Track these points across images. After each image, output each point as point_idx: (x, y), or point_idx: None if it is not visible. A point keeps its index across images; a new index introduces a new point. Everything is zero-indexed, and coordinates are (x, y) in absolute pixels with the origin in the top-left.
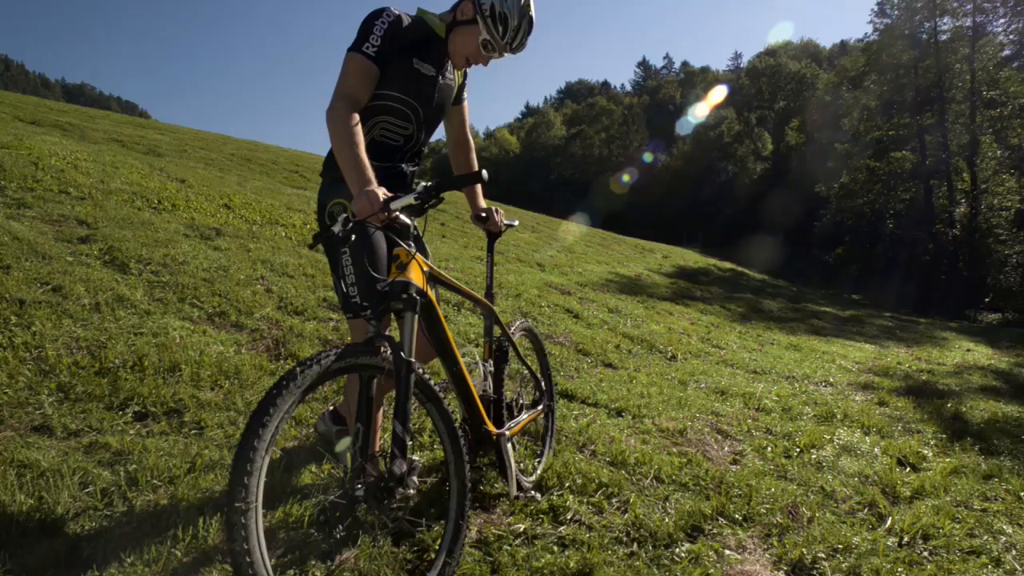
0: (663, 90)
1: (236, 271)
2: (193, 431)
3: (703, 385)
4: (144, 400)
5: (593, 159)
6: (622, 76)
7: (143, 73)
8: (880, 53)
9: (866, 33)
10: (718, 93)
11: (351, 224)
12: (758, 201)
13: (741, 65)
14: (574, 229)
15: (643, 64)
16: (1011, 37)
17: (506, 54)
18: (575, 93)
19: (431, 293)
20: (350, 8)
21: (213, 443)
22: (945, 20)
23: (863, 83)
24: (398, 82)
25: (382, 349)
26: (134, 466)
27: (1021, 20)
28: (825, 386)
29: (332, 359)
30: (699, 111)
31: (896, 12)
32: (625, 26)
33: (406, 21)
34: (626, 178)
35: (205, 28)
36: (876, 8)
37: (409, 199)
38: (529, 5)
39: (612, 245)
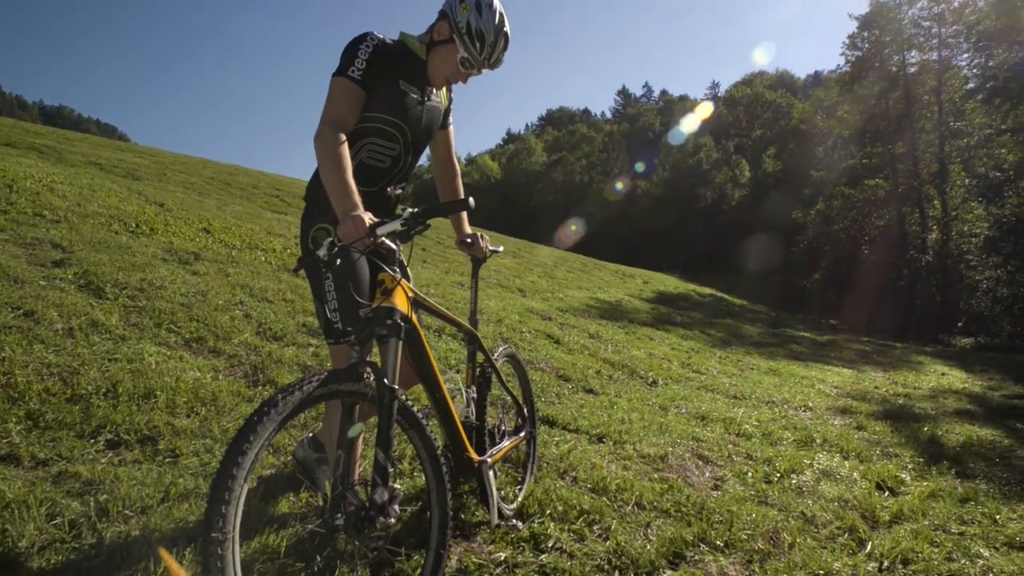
0: (643, 118)
1: (214, 296)
2: (167, 459)
3: (684, 410)
4: (117, 428)
5: (574, 185)
6: (602, 104)
7: (123, 96)
8: (852, 84)
9: (839, 65)
10: (704, 108)
11: (336, 249)
12: (737, 227)
13: (719, 94)
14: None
15: (623, 92)
16: (974, 71)
17: (484, 70)
18: (556, 120)
19: (415, 319)
20: (332, 33)
21: (188, 471)
22: (913, 54)
23: (837, 113)
24: (385, 104)
25: (365, 375)
26: (105, 496)
27: (983, 55)
28: (804, 411)
29: (314, 386)
30: (688, 124)
31: (867, 45)
32: (605, 55)
33: (389, 45)
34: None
35: (187, 51)
36: (848, 41)
37: (395, 225)
38: (504, 21)
39: (593, 271)
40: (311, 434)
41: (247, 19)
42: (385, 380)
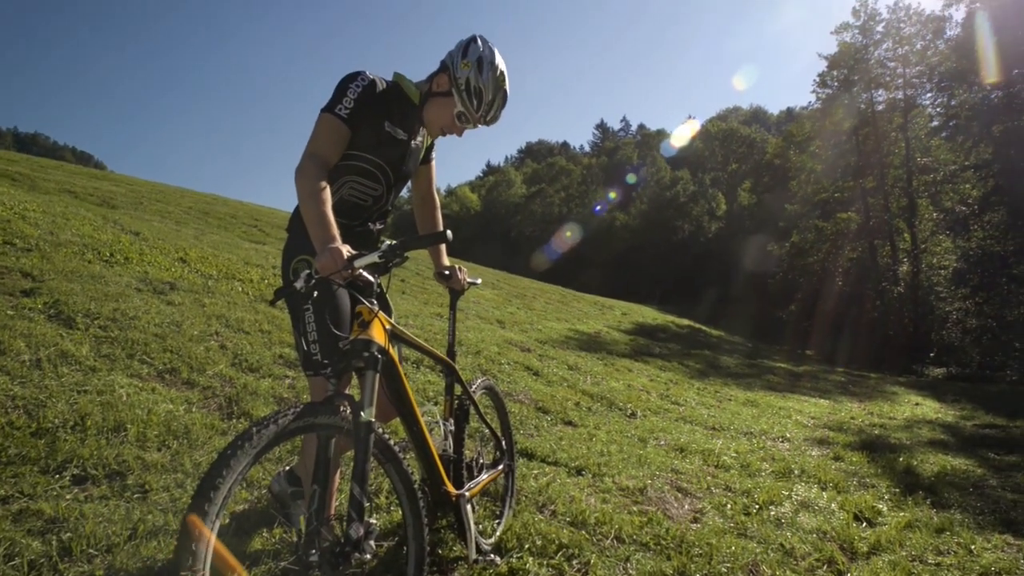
0: (620, 151)
1: (189, 327)
2: (136, 495)
3: (663, 442)
4: (84, 462)
5: (553, 217)
6: (581, 137)
7: (100, 124)
8: (823, 120)
9: (810, 101)
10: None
11: (313, 281)
12: (713, 259)
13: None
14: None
15: (601, 126)
16: (938, 110)
17: (480, 126)
18: (535, 153)
19: (393, 352)
20: (313, 64)
21: (158, 507)
22: (880, 92)
23: (808, 148)
24: (370, 144)
25: (342, 408)
26: (68, 534)
27: (945, 95)
28: (782, 442)
29: (290, 419)
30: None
31: (836, 84)
32: (584, 89)
33: (381, 86)
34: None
35: (166, 80)
36: (818, 79)
37: (373, 257)
38: (504, 79)
39: (572, 302)
40: (288, 467)
41: (228, 49)
42: (362, 413)
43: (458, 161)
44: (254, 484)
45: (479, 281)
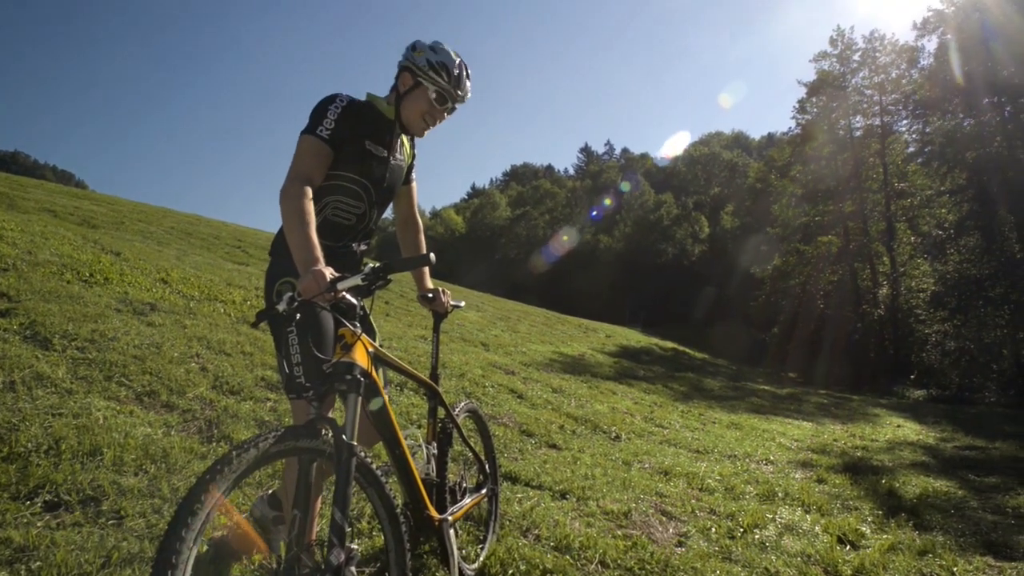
0: (604, 174)
1: (170, 348)
2: (111, 521)
3: (647, 465)
4: (57, 488)
5: (537, 240)
6: (565, 160)
7: (82, 142)
8: (803, 146)
9: (790, 127)
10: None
11: (296, 303)
12: (697, 282)
13: (678, 153)
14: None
15: (585, 149)
16: (914, 136)
17: (457, 104)
18: (520, 176)
19: (376, 376)
20: (298, 85)
21: (133, 534)
22: (858, 119)
23: (789, 172)
24: (351, 163)
25: (323, 432)
26: (38, 563)
27: (920, 122)
28: (766, 464)
29: (270, 442)
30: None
31: (815, 110)
32: (568, 113)
33: (357, 105)
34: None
35: (149, 98)
36: (797, 106)
37: (356, 280)
38: (458, 55)
39: (556, 325)
40: (270, 491)
41: (214, 69)
42: (344, 436)
43: (443, 183)
44: (232, 510)
45: (463, 304)
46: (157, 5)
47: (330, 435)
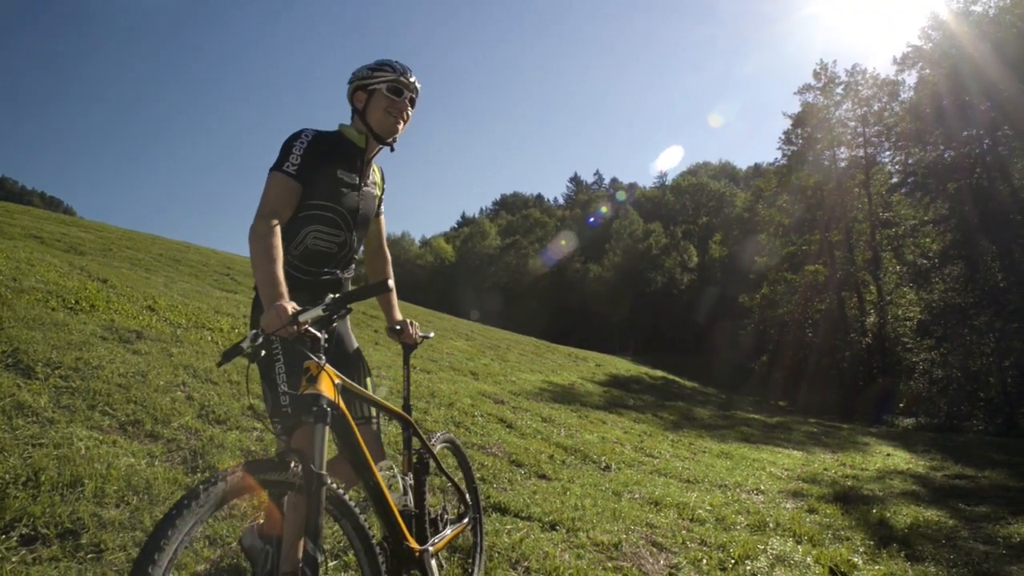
0: (594, 204)
1: (155, 377)
2: (90, 554)
3: (637, 495)
4: (35, 520)
5: (527, 269)
6: (555, 190)
7: (71, 169)
8: (789, 176)
9: (776, 158)
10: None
11: (260, 340)
12: (686, 310)
13: (666, 182)
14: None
15: (575, 179)
16: (897, 167)
17: (412, 95)
18: (510, 205)
19: (343, 405)
20: (290, 116)
21: (112, 568)
22: (842, 150)
23: (776, 202)
24: (327, 193)
25: (292, 464)
26: None
27: (903, 153)
28: (757, 494)
29: (238, 476)
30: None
31: (800, 141)
32: (558, 142)
33: (325, 137)
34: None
35: (139, 125)
36: (783, 137)
37: (317, 311)
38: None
39: (545, 354)
40: (261, 521)
41: (205, 97)
42: (312, 466)
43: (433, 212)
44: (217, 542)
45: (432, 334)
46: (149, 32)
47: (299, 467)
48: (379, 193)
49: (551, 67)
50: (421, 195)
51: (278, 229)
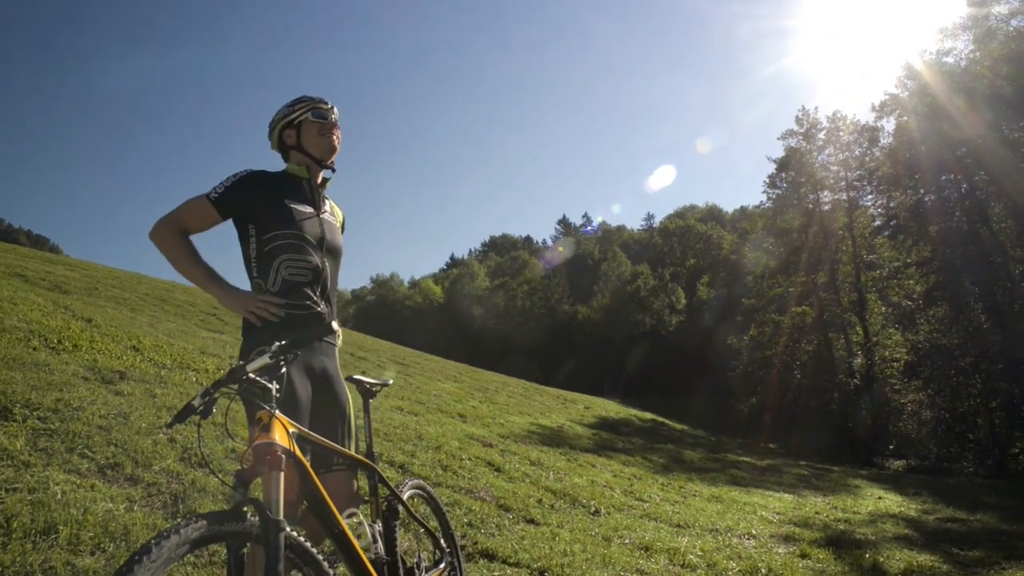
0: (582, 246)
1: (138, 419)
2: None
3: (627, 541)
4: (4, 570)
5: (516, 310)
6: (544, 232)
7: (58, 207)
8: (775, 219)
9: (761, 201)
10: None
11: (209, 397)
12: (675, 352)
13: (654, 225)
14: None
15: (563, 221)
16: (879, 210)
17: (332, 117)
18: (499, 246)
19: (299, 453)
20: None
21: None
22: (825, 193)
23: (762, 245)
24: (278, 222)
25: (249, 515)
26: None
27: (884, 197)
28: (748, 539)
29: (193, 528)
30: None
31: (785, 185)
32: (547, 185)
33: (266, 174)
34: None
35: (126, 163)
36: (768, 180)
37: (264, 359)
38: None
39: (534, 396)
40: None
41: (195, 138)
42: (268, 512)
43: (422, 253)
44: None
45: (390, 381)
46: (133, 70)
47: (256, 517)
48: (340, 221)
49: (539, 106)
50: (410, 236)
51: (178, 230)
